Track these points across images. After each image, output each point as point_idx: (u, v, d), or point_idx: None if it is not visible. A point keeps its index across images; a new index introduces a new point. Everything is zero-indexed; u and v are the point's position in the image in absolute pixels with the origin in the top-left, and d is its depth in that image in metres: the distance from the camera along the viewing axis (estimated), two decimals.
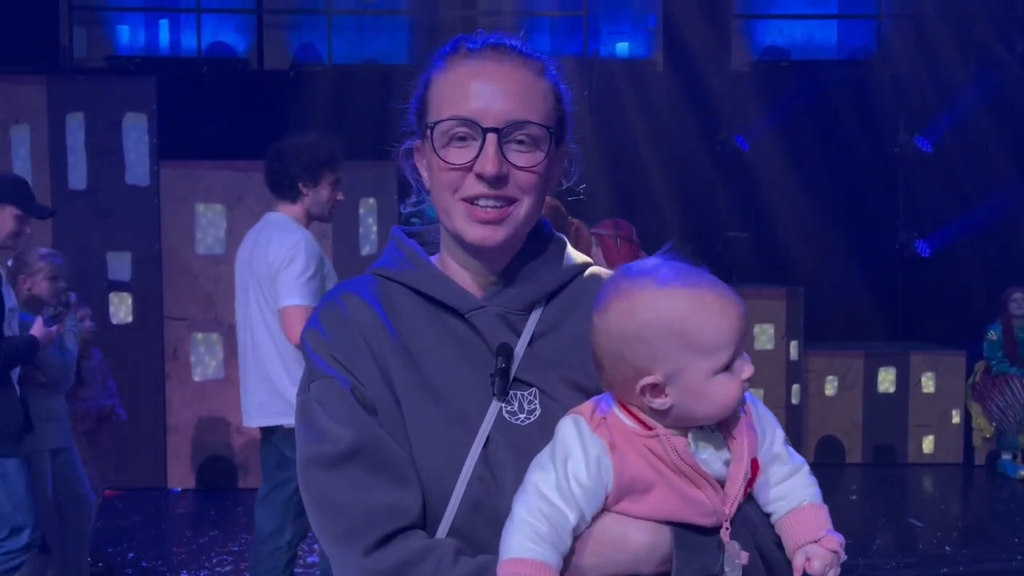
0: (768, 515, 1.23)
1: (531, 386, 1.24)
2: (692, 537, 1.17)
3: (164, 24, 8.53)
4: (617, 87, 8.15)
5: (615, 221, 4.84)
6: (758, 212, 8.23)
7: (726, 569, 1.16)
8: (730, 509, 1.17)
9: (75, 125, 6.49)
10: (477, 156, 1.21)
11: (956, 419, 7.45)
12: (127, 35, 8.54)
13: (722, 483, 1.17)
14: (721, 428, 1.18)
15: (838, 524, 1.22)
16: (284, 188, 3.74)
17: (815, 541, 1.18)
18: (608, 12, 8.69)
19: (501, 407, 1.23)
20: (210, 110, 7.60)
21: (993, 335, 7.30)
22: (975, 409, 7.42)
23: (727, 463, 1.18)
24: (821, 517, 1.22)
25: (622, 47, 8.75)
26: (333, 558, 1.23)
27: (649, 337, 1.14)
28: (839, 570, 1.19)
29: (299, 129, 4.19)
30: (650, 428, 1.16)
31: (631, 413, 1.17)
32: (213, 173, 6.56)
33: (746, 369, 1.16)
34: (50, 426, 4.13)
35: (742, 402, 1.18)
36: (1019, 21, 8.43)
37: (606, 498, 1.15)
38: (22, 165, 6.40)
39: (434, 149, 1.24)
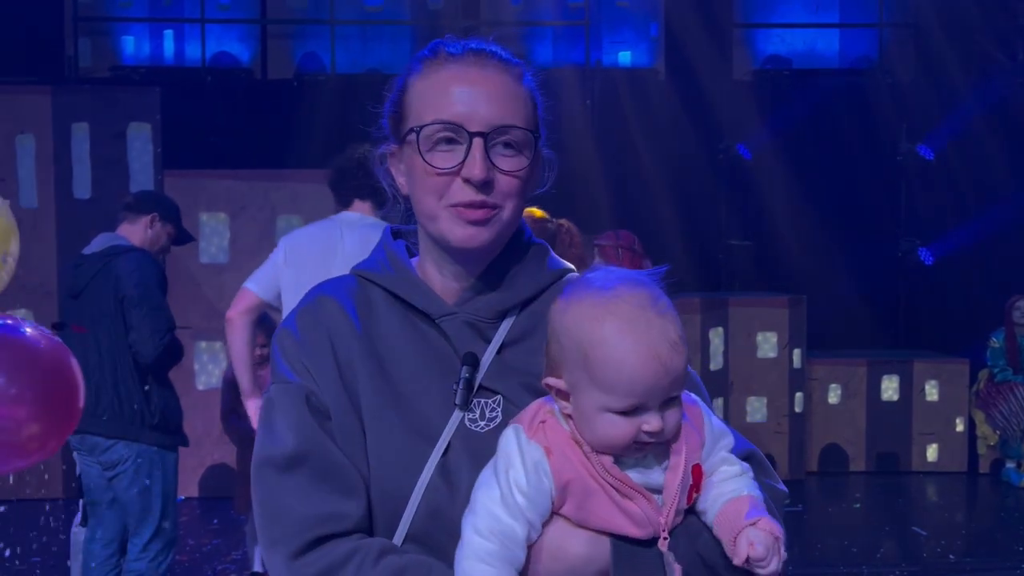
0: (704, 514, 1.19)
1: (496, 393, 1.24)
2: (632, 552, 1.14)
3: (168, 34, 8.57)
4: (619, 96, 8.18)
5: (616, 232, 4.85)
6: (760, 220, 8.24)
7: None
8: (666, 519, 1.14)
9: (80, 135, 6.52)
10: (463, 161, 1.21)
11: (960, 427, 7.44)
12: (132, 45, 8.59)
13: (660, 492, 1.15)
14: None
15: (842, 532, 1.20)
16: (385, 196, 3.85)
17: (753, 525, 1.13)
18: (610, 21, 8.72)
19: (463, 415, 1.22)
20: (214, 120, 7.63)
21: (995, 343, 7.29)
22: (979, 417, 7.41)
23: (665, 470, 1.15)
24: (759, 505, 1.16)
25: (624, 56, 8.77)
26: (266, 561, 1.23)
27: (563, 343, 1.14)
28: (785, 557, 1.14)
29: (304, 138, 4.21)
30: (578, 440, 1.14)
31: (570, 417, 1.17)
32: (217, 182, 6.58)
33: (651, 422, 1.10)
34: None
35: (645, 444, 1.13)
36: (1020, 29, 8.44)
37: (552, 502, 1.14)
38: (27, 175, 6.43)
39: (420, 153, 1.23)
